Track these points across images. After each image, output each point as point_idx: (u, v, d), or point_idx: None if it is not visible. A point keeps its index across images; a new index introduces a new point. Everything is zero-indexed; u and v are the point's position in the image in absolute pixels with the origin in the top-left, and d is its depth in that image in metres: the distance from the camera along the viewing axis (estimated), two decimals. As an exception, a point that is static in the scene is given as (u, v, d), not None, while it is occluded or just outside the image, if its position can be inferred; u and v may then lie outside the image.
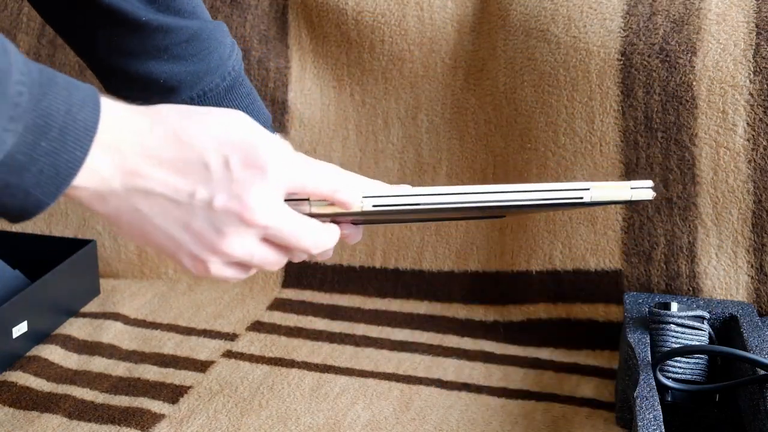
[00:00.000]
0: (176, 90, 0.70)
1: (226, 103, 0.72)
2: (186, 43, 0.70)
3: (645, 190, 0.65)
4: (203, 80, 0.71)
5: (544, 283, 1.06)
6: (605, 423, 0.88)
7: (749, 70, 0.96)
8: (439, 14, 1.12)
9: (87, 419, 0.87)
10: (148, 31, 0.69)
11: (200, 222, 0.54)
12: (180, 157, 0.52)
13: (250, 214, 0.54)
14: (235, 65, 0.74)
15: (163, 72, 0.70)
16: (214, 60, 0.72)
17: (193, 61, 0.71)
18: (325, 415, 0.89)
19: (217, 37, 0.72)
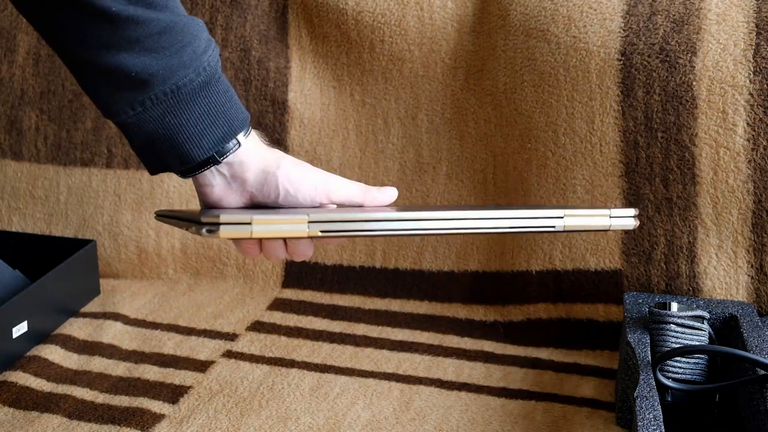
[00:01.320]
0: (148, 84, 0.69)
1: (201, 99, 0.72)
2: (158, 36, 0.69)
3: (626, 219, 0.63)
4: (176, 74, 0.70)
5: (544, 283, 1.06)
6: (605, 423, 0.88)
7: (749, 70, 0.96)
8: (439, 14, 1.12)
9: (87, 419, 0.87)
10: (119, 23, 0.68)
11: None
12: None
13: None
14: (210, 61, 0.72)
15: (135, 65, 0.69)
16: (187, 54, 0.71)
17: (165, 54, 0.70)
18: (325, 415, 0.89)
19: (191, 31, 0.71)
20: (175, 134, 0.71)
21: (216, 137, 0.72)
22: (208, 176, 0.74)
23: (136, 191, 1.19)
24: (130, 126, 0.72)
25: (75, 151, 1.21)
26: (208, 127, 0.72)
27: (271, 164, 0.73)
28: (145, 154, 0.74)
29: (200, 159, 0.72)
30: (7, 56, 1.24)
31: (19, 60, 1.24)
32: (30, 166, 1.22)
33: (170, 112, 0.71)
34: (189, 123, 0.71)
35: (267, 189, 0.73)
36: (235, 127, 0.73)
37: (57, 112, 1.21)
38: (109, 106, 0.71)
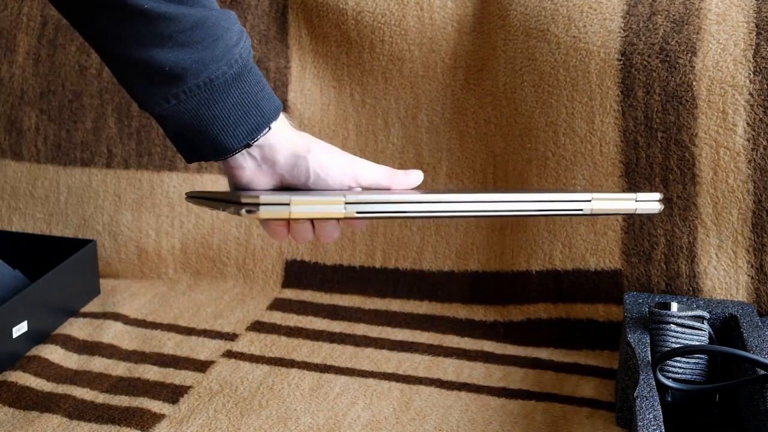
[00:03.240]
0: (182, 78, 0.71)
1: (234, 90, 0.73)
2: (190, 31, 0.70)
3: (651, 203, 0.63)
4: (209, 67, 0.71)
5: (544, 283, 1.06)
6: (605, 423, 0.88)
7: (749, 70, 0.96)
8: (439, 14, 1.12)
9: (87, 419, 0.87)
10: (151, 19, 0.69)
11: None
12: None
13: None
14: (242, 53, 0.74)
15: (168, 60, 0.70)
16: (219, 47, 0.72)
17: (197, 49, 0.71)
18: (325, 415, 0.89)
19: (223, 25, 0.73)
20: (209, 125, 0.72)
21: (249, 127, 0.73)
22: (239, 159, 0.75)
23: (136, 191, 1.19)
24: (165, 118, 0.73)
25: (75, 151, 1.21)
26: (241, 117, 0.73)
27: (301, 148, 0.75)
28: (180, 144, 0.75)
29: (234, 149, 0.73)
30: (7, 56, 1.24)
31: (19, 60, 1.24)
32: (30, 166, 1.22)
33: (204, 104, 0.72)
34: (222, 114, 0.73)
35: (297, 172, 0.74)
36: (268, 117, 0.74)
37: (57, 112, 1.21)
38: (145, 100, 0.73)
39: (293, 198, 0.59)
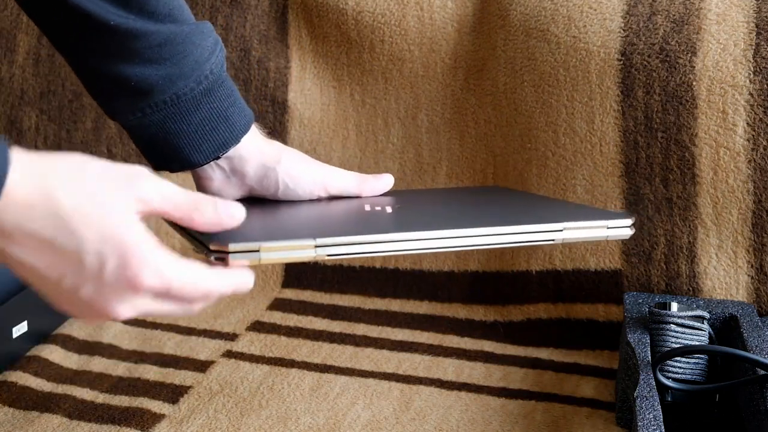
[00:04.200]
0: (148, 93, 0.70)
1: (203, 106, 0.72)
2: (158, 48, 0.69)
3: (623, 229, 0.64)
4: (176, 84, 0.70)
5: (544, 283, 1.06)
6: (605, 423, 0.88)
7: (749, 70, 0.96)
8: (439, 14, 1.12)
9: (87, 419, 0.87)
10: (118, 35, 0.68)
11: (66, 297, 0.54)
12: (58, 242, 0.51)
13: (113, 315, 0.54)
14: (214, 68, 0.72)
15: (134, 75, 0.69)
16: (188, 64, 0.70)
17: (165, 65, 0.69)
18: (325, 415, 0.89)
19: (194, 41, 0.71)
20: (175, 139, 0.72)
21: (217, 143, 0.72)
22: (207, 170, 0.74)
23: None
24: (132, 128, 0.73)
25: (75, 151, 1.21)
26: (208, 132, 0.72)
27: (270, 159, 0.74)
28: (147, 154, 0.74)
29: (200, 163, 0.72)
30: (7, 56, 1.24)
31: (19, 60, 1.24)
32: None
33: (170, 118, 0.71)
34: (189, 129, 0.72)
35: (267, 182, 0.74)
36: (237, 132, 0.73)
37: (57, 112, 1.21)
38: (112, 110, 0.72)
39: (263, 245, 0.57)
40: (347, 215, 0.71)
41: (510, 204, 0.79)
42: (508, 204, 0.79)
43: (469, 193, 0.91)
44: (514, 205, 0.79)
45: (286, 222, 0.69)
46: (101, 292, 0.53)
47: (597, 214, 0.68)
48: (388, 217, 0.70)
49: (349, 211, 0.72)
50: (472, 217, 0.69)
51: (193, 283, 0.54)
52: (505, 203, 0.80)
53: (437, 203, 0.82)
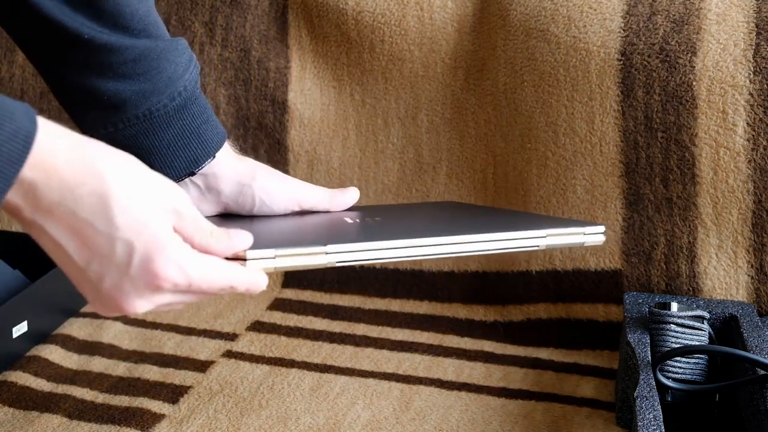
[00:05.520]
0: (121, 108, 0.70)
1: (175, 122, 0.72)
2: (133, 63, 0.69)
3: (597, 235, 0.71)
4: (149, 100, 0.70)
5: (544, 283, 1.06)
6: (605, 423, 0.88)
7: (749, 70, 0.96)
8: (439, 14, 1.12)
9: (87, 419, 0.87)
10: (92, 48, 0.68)
11: (88, 284, 0.55)
12: (95, 225, 0.53)
13: (130, 310, 0.56)
14: (187, 85, 0.72)
15: (107, 89, 0.69)
16: (162, 80, 0.70)
17: (138, 81, 0.69)
18: (325, 415, 0.89)
19: (168, 57, 0.71)
20: (147, 154, 0.72)
21: (189, 159, 0.73)
22: (181, 187, 0.74)
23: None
24: (103, 141, 0.72)
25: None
26: (181, 149, 0.72)
27: (245, 176, 0.75)
28: None
29: (172, 179, 0.72)
30: (7, 56, 1.24)
31: (19, 60, 1.24)
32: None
33: (143, 134, 0.71)
34: (161, 145, 0.72)
35: (243, 200, 0.74)
36: (209, 149, 0.74)
37: (57, 112, 1.21)
38: (84, 124, 0.72)
39: (278, 252, 0.60)
40: (345, 225, 0.72)
41: (485, 215, 0.85)
42: (480, 215, 0.85)
43: (433, 207, 0.94)
44: (490, 215, 0.85)
45: (295, 231, 0.71)
46: (123, 283, 0.54)
47: (572, 222, 0.74)
48: (381, 226, 0.72)
49: (342, 222, 0.73)
50: (463, 225, 0.72)
51: (212, 279, 0.56)
52: (477, 214, 0.85)
53: (413, 216, 0.84)
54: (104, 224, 0.53)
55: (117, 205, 0.53)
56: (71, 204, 0.52)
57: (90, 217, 0.53)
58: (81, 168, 0.52)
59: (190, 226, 0.57)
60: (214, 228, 0.58)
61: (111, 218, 0.53)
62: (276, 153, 1.17)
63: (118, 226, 0.53)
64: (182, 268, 0.55)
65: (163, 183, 0.57)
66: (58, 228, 0.53)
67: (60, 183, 0.52)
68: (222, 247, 0.58)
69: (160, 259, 0.54)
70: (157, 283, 0.55)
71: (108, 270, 0.54)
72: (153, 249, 0.54)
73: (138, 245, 0.53)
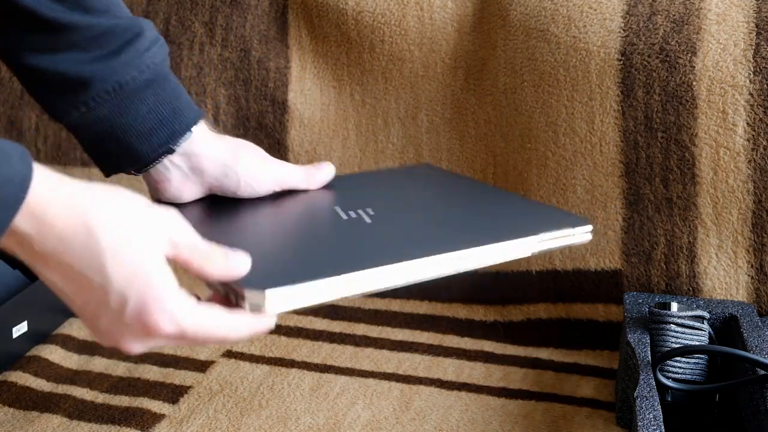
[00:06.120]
0: (89, 84, 0.69)
1: (148, 96, 0.71)
2: (96, 39, 0.69)
3: (585, 234, 0.71)
4: (117, 73, 0.70)
5: (544, 283, 1.06)
6: (605, 423, 0.88)
7: (749, 70, 0.96)
8: (439, 14, 1.12)
9: (87, 419, 0.87)
10: (55, 28, 0.68)
11: (86, 320, 0.57)
12: (89, 276, 0.54)
13: (125, 349, 0.57)
14: (156, 59, 0.72)
15: (73, 67, 0.69)
16: (128, 54, 0.70)
17: (104, 58, 0.69)
18: (325, 415, 0.89)
19: (133, 31, 0.71)
20: (123, 134, 0.71)
21: (166, 134, 0.72)
22: (162, 171, 0.73)
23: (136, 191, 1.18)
24: (77, 127, 0.71)
25: (75, 151, 1.21)
26: (157, 124, 0.71)
27: (228, 157, 0.74)
28: (96, 155, 0.73)
29: (151, 157, 0.72)
30: (7, 56, 1.24)
31: (19, 60, 1.23)
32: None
33: (116, 112, 0.70)
34: (137, 122, 0.71)
35: (227, 181, 0.74)
36: (187, 122, 0.73)
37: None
38: (54, 109, 0.71)
39: (294, 286, 0.59)
40: (342, 235, 0.71)
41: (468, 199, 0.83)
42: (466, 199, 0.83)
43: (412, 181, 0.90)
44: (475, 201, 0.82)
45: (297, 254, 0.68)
46: (118, 328, 0.55)
47: (561, 219, 0.73)
48: (375, 232, 0.71)
49: (335, 226, 0.72)
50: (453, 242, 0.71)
51: (209, 333, 0.57)
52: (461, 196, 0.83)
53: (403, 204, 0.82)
54: (98, 276, 0.54)
55: (109, 258, 0.54)
56: (64, 256, 0.53)
57: (84, 270, 0.54)
58: (73, 221, 0.53)
59: (186, 252, 0.57)
60: (211, 251, 0.58)
61: (104, 271, 0.54)
62: (276, 153, 1.17)
63: (111, 278, 0.54)
64: (175, 320, 0.55)
65: (156, 217, 0.57)
66: (54, 274, 0.55)
67: (53, 235, 0.53)
68: (219, 271, 0.58)
69: (153, 310, 0.54)
70: (150, 333, 0.55)
71: (104, 313, 0.55)
72: (146, 300, 0.54)
73: (131, 296, 0.54)
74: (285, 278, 0.59)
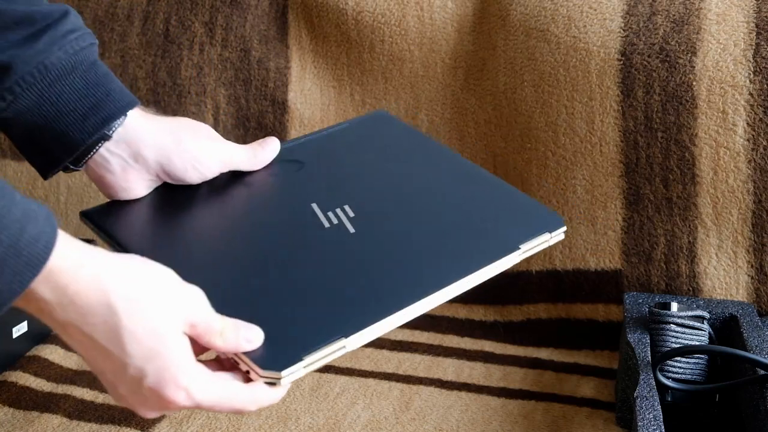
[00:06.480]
0: (11, 67, 0.67)
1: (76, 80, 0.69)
2: (15, 25, 0.68)
3: (560, 234, 0.72)
4: (40, 54, 0.68)
5: (544, 283, 1.06)
6: (605, 423, 0.88)
7: (749, 70, 0.96)
8: (439, 14, 1.12)
9: (87, 419, 0.87)
10: None
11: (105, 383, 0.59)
12: (108, 348, 0.56)
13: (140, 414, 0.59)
14: (81, 43, 0.70)
15: None
16: (50, 36, 0.68)
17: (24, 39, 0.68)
18: (325, 415, 0.89)
19: (54, 16, 0.69)
20: (55, 122, 0.69)
21: (100, 118, 0.70)
22: (102, 163, 0.71)
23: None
24: (7, 122, 0.69)
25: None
26: (90, 109, 0.69)
27: (169, 142, 0.72)
28: (30, 152, 0.71)
29: (86, 143, 0.69)
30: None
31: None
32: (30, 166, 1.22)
33: (45, 98, 0.68)
34: (68, 108, 0.69)
35: (172, 167, 0.72)
36: (121, 106, 0.71)
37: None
38: None
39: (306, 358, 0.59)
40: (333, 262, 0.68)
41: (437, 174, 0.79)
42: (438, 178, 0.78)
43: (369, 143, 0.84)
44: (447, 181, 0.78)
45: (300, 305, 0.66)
46: (136, 397, 0.57)
47: (537, 222, 0.73)
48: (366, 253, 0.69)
49: (320, 241, 0.70)
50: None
51: (224, 405, 0.59)
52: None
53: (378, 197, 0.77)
54: (117, 350, 0.56)
55: (130, 336, 0.55)
56: (85, 328, 0.55)
57: (103, 342, 0.55)
58: (95, 298, 0.55)
59: (200, 329, 0.59)
60: (223, 326, 0.60)
61: (124, 347, 0.55)
62: (276, 153, 1.17)
63: (130, 354, 0.55)
64: (191, 396, 0.57)
65: (176, 296, 0.58)
66: (74, 341, 0.56)
67: (74, 308, 0.54)
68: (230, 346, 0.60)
69: (170, 386, 0.56)
70: (166, 405, 0.57)
71: (122, 383, 0.57)
72: (164, 377, 0.56)
73: (149, 372, 0.56)
74: (298, 351, 0.60)
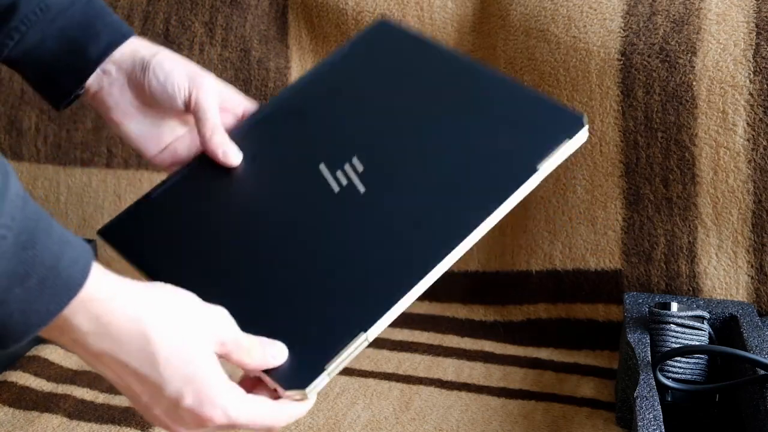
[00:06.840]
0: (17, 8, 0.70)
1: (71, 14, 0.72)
2: None
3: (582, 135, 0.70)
4: None
5: (544, 283, 1.06)
6: (605, 423, 0.88)
7: (749, 70, 0.96)
8: (439, 14, 1.12)
9: (87, 419, 0.87)
10: None
11: (139, 406, 0.59)
12: (144, 374, 0.57)
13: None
14: None
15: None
16: None
17: None
18: (325, 415, 0.88)
19: None
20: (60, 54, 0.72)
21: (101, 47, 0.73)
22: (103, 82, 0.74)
23: (136, 191, 1.19)
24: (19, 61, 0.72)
25: (75, 151, 1.21)
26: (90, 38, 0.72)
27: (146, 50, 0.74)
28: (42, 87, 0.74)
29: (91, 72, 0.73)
30: (7, 56, 1.24)
31: (19, 60, 1.23)
32: (30, 166, 1.22)
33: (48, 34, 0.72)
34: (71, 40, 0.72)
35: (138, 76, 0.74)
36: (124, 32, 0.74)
37: (57, 112, 1.21)
38: None
39: (328, 366, 0.61)
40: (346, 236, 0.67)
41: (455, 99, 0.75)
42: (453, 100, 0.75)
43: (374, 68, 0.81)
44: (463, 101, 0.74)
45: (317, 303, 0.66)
46: (172, 418, 0.59)
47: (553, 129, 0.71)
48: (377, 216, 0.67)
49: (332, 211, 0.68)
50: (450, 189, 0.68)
51: (257, 422, 0.60)
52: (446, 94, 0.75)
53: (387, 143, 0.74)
54: (154, 376, 0.56)
55: (164, 361, 0.56)
56: (120, 356, 0.56)
57: (139, 369, 0.56)
58: (130, 328, 0.55)
59: (229, 347, 0.60)
60: (250, 344, 0.62)
61: (160, 373, 0.56)
62: (276, 153, 1.17)
63: (167, 379, 0.57)
64: (227, 414, 0.59)
65: (206, 317, 0.59)
66: (107, 369, 0.57)
67: (109, 337, 0.55)
68: (257, 363, 0.62)
69: (208, 406, 0.58)
70: (203, 424, 0.59)
71: (158, 405, 0.58)
72: (201, 397, 0.57)
73: (187, 393, 0.57)
74: (320, 362, 0.61)
